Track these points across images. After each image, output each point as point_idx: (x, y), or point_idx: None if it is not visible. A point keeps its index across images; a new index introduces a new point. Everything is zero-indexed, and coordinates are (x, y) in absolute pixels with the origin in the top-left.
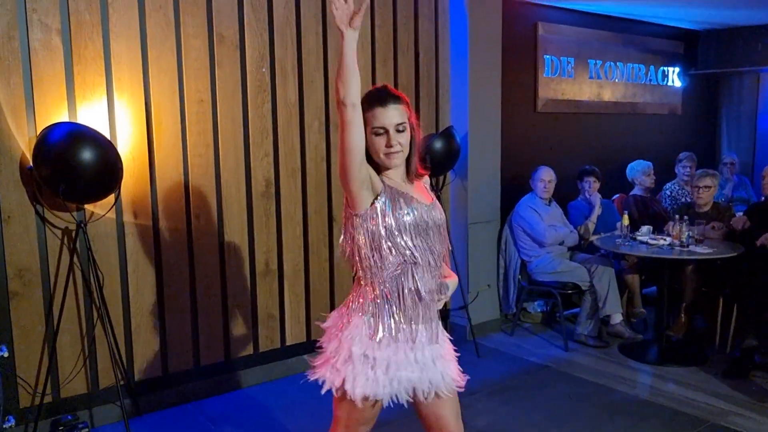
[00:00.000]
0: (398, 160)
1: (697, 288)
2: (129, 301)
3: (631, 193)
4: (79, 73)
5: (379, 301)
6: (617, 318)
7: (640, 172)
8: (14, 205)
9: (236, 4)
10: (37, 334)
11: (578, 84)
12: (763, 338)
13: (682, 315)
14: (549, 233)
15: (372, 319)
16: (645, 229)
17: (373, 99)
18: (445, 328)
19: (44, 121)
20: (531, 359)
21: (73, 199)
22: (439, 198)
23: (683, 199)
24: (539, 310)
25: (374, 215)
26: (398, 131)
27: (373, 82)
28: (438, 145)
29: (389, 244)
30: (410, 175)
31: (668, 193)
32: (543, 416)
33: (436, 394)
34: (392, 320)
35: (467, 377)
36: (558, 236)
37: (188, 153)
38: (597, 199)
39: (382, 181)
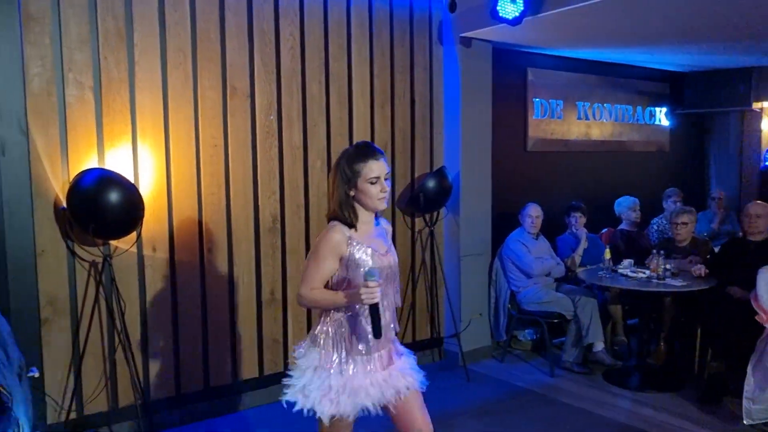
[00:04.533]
0: (386, 203)
1: (675, 318)
2: (147, 326)
3: (619, 227)
4: (108, 124)
5: (333, 336)
6: (599, 346)
7: (626, 208)
8: (48, 240)
9: (247, 58)
10: (65, 356)
11: (567, 124)
12: (734, 365)
13: (662, 344)
14: (536, 265)
15: (326, 351)
16: (626, 262)
17: (368, 153)
18: (439, 354)
19: (77, 167)
20: (518, 384)
21: (101, 236)
22: (432, 233)
23: (670, 234)
24: (529, 338)
25: (341, 266)
26: (386, 179)
27: (372, 126)
28: (431, 183)
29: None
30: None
31: (655, 227)
32: None
33: (400, 398)
34: (344, 353)
35: (423, 373)
36: (545, 268)
37: (202, 192)
38: (583, 233)
39: (350, 239)
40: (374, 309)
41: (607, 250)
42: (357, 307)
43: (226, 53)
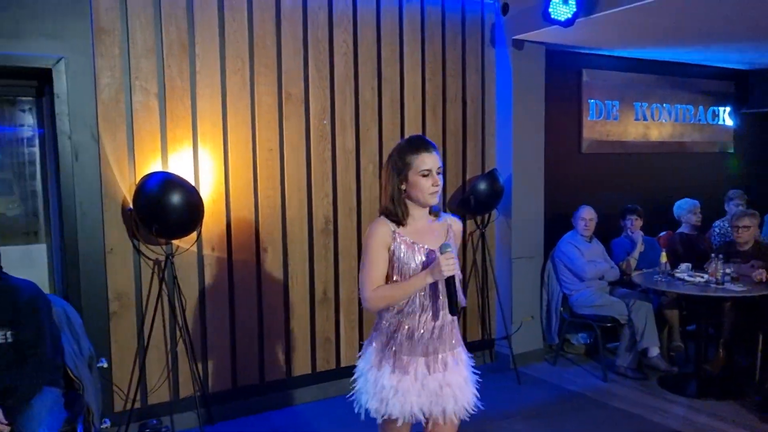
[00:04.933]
0: (437, 198)
1: (735, 324)
2: (206, 322)
3: (678, 230)
4: (171, 129)
5: (384, 335)
6: (654, 351)
7: (686, 211)
8: (116, 239)
9: (302, 65)
10: (131, 348)
11: (623, 126)
12: None
13: (721, 350)
14: (588, 268)
15: (378, 350)
16: (684, 266)
17: (419, 145)
18: (490, 356)
19: (142, 170)
20: (569, 388)
21: (163, 236)
22: (483, 235)
23: (731, 237)
24: (583, 342)
25: (390, 258)
26: (438, 173)
27: (423, 128)
28: (482, 186)
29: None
30: (431, 213)
31: (717, 230)
32: None
33: (447, 417)
34: (392, 353)
35: (480, 406)
36: (597, 271)
37: (259, 195)
38: (639, 236)
39: (394, 231)
40: (450, 283)
41: (663, 254)
42: (412, 303)
43: (282, 60)
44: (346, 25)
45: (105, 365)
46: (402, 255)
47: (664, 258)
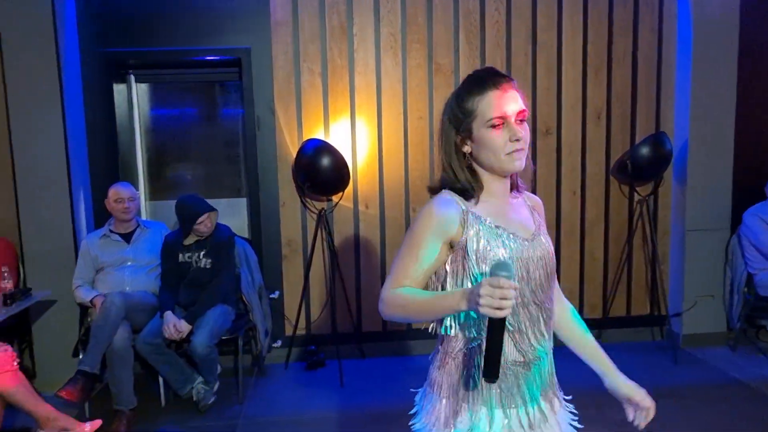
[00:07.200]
0: (523, 161)
1: None
2: (360, 269)
3: None
4: (332, 103)
5: (454, 377)
6: None
7: None
8: (287, 195)
9: (452, 37)
10: (298, 285)
11: None
12: None
13: None
14: None
15: (448, 401)
16: None
17: (483, 82)
18: (660, 333)
19: (308, 137)
20: (733, 375)
21: (315, 192)
22: (648, 203)
23: None
24: None
25: (458, 255)
26: (520, 121)
27: (584, 92)
28: (643, 150)
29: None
30: (515, 187)
31: None
32: (705, 428)
33: None
34: (472, 405)
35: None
36: None
37: (409, 159)
38: None
39: (465, 213)
40: (497, 328)
41: None
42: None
43: (433, 34)
44: None
45: (277, 296)
46: (484, 245)
47: None
